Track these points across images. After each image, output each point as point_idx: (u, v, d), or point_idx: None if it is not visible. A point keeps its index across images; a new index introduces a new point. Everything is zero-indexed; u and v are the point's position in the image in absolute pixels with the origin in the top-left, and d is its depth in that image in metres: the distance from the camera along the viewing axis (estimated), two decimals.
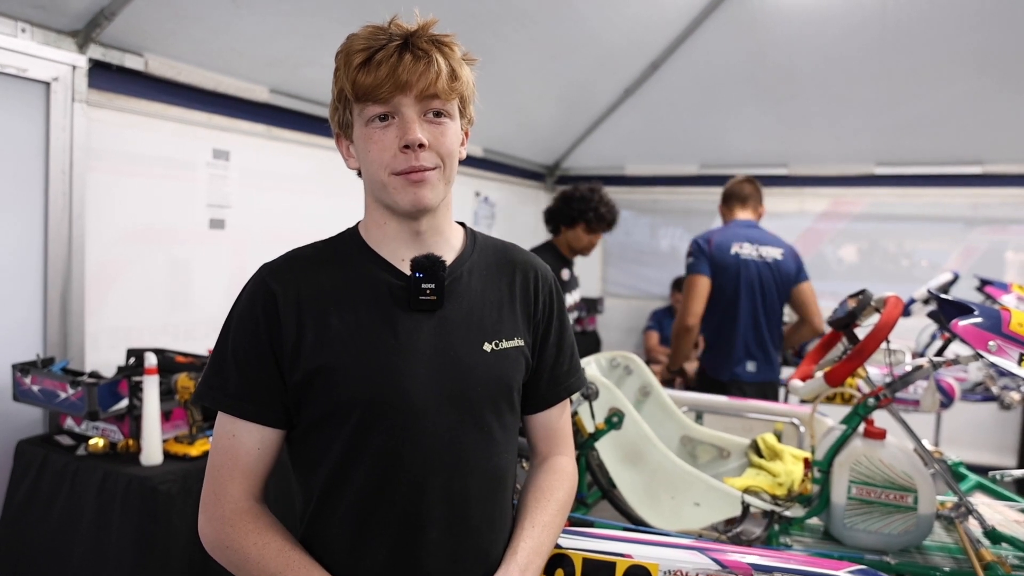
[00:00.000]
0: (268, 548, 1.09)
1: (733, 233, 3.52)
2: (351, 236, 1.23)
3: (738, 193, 3.66)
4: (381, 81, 1.08)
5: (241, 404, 1.13)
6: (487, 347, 1.19)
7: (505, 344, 1.21)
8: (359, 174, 1.20)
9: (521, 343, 1.24)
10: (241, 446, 1.13)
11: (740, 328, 3.43)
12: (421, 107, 1.11)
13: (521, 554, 1.18)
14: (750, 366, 3.44)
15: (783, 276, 3.46)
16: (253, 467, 1.14)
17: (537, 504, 1.26)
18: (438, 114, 1.13)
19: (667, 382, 3.75)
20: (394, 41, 1.10)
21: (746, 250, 3.45)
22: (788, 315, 3.80)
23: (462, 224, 1.31)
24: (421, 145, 1.10)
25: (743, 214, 3.64)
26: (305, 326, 1.12)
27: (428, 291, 1.15)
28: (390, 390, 1.11)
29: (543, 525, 1.23)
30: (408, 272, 1.17)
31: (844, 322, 2.20)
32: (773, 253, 3.48)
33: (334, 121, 1.20)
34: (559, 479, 1.31)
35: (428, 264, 1.16)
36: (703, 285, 3.42)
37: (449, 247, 1.23)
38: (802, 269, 3.53)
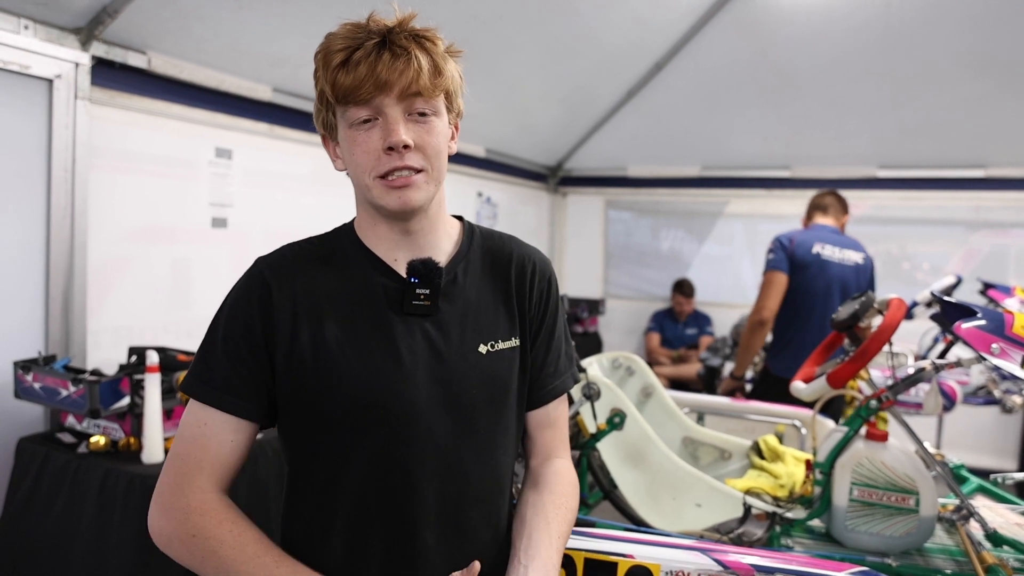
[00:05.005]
0: (246, 534, 1.06)
1: (815, 234, 3.56)
2: (346, 233, 1.21)
3: (819, 204, 3.75)
4: (360, 81, 1.04)
5: (225, 396, 1.10)
6: (483, 349, 1.17)
7: (501, 345, 1.19)
8: (347, 173, 1.17)
9: (517, 343, 1.22)
10: (214, 436, 1.10)
11: (817, 328, 3.42)
12: (405, 106, 1.08)
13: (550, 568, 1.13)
14: None
15: (866, 280, 3.50)
16: (224, 461, 1.10)
17: (558, 513, 1.21)
18: (423, 113, 1.09)
19: (728, 394, 3.74)
20: (372, 39, 1.06)
21: (828, 251, 3.48)
22: None
23: (460, 218, 1.28)
24: (406, 146, 1.07)
25: (824, 221, 3.68)
26: (300, 325, 1.10)
27: (422, 296, 1.14)
28: (386, 394, 1.10)
29: (562, 537, 1.19)
30: (403, 273, 1.15)
31: (847, 324, 2.19)
32: (855, 257, 3.51)
33: (318, 123, 1.17)
34: (570, 485, 1.27)
35: (424, 270, 1.14)
36: (780, 281, 3.45)
37: (443, 245, 1.21)
38: (874, 282, 3.60)
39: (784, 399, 3.13)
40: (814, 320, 3.43)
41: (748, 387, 3.82)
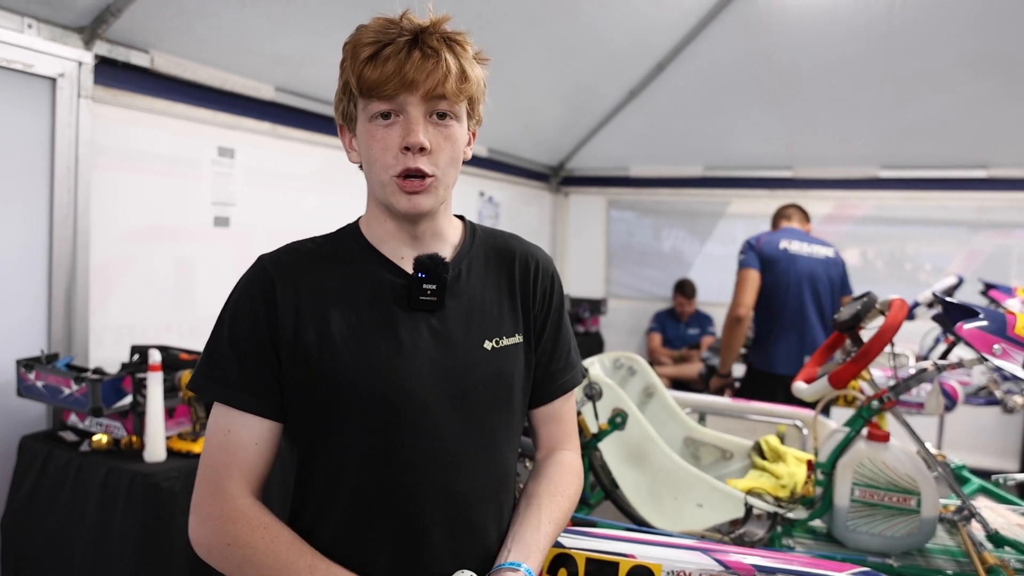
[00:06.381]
0: (279, 540, 1.06)
1: (781, 234, 3.71)
2: (352, 232, 1.21)
3: (783, 213, 3.94)
4: (387, 77, 1.05)
5: (241, 396, 1.10)
6: (488, 345, 1.17)
7: (506, 341, 1.20)
8: (360, 167, 1.18)
9: (521, 339, 1.23)
10: (239, 441, 1.10)
11: (795, 321, 3.53)
12: (427, 107, 1.08)
13: (534, 556, 1.13)
14: (807, 359, 3.48)
15: (837, 273, 3.65)
16: (253, 463, 1.10)
17: (552, 500, 1.22)
18: (444, 115, 1.10)
19: (718, 391, 3.77)
20: (404, 36, 1.07)
21: (795, 246, 3.61)
22: None
23: (461, 217, 1.29)
24: (423, 149, 1.07)
25: (789, 225, 3.85)
26: (304, 321, 1.10)
27: (429, 291, 1.14)
28: (391, 390, 1.10)
29: (553, 522, 1.20)
30: (409, 270, 1.15)
31: (848, 324, 2.19)
32: (823, 251, 3.66)
33: (338, 112, 1.17)
34: (570, 474, 1.28)
35: (431, 265, 1.14)
36: (752, 278, 3.55)
37: (448, 244, 1.21)
38: (846, 278, 3.73)
39: (765, 394, 3.17)
40: (787, 313, 3.55)
41: (737, 384, 3.86)
